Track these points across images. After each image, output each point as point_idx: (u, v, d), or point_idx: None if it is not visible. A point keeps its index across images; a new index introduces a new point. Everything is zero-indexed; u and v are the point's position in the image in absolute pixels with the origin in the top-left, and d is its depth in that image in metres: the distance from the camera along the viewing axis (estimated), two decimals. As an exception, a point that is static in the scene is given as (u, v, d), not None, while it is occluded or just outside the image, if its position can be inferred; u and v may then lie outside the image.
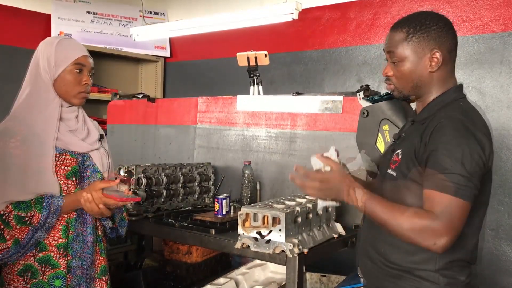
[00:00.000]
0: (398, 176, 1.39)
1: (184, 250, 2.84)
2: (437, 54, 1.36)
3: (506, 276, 2.60)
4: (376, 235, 1.45)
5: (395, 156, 1.42)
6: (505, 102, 2.62)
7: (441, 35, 1.37)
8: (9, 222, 1.51)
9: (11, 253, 1.53)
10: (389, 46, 1.42)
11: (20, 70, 1.77)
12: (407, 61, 1.39)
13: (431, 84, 1.40)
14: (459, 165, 1.24)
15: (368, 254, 1.49)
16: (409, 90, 1.43)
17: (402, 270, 1.38)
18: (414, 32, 1.37)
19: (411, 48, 1.38)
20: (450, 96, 1.40)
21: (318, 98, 2.45)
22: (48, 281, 1.57)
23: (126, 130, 3.31)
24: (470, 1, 2.74)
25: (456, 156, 1.24)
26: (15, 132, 1.57)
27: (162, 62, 4.30)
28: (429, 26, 1.37)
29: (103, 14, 4.09)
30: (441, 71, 1.39)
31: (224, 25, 2.89)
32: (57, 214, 1.56)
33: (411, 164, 1.35)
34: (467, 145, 1.26)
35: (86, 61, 1.67)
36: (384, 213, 1.31)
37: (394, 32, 1.42)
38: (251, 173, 2.47)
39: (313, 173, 1.41)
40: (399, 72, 1.41)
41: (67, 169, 1.62)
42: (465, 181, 1.23)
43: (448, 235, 1.22)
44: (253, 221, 1.74)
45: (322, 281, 2.50)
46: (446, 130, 1.28)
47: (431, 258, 1.34)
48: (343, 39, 3.25)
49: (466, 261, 1.38)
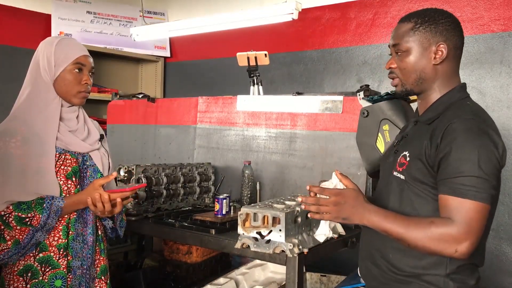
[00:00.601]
0: (407, 179, 1.35)
1: (184, 250, 2.84)
2: (442, 47, 1.35)
3: (507, 276, 2.60)
4: (382, 240, 1.40)
5: (402, 158, 1.38)
6: (505, 102, 2.62)
7: (449, 30, 1.36)
8: (9, 222, 1.51)
9: (12, 253, 1.52)
10: (395, 39, 1.41)
11: (20, 70, 1.77)
12: (412, 52, 1.37)
13: (435, 79, 1.38)
14: (476, 167, 1.21)
15: (373, 259, 1.45)
16: (412, 82, 1.40)
17: (410, 276, 1.35)
18: (422, 23, 1.36)
19: (417, 38, 1.37)
20: (455, 96, 1.38)
21: (318, 98, 2.45)
22: (48, 281, 1.57)
23: (126, 130, 3.31)
24: (470, 1, 2.74)
25: (472, 158, 1.22)
26: (16, 132, 1.57)
27: (162, 62, 4.31)
28: (438, 19, 1.36)
29: (103, 14, 4.09)
30: (445, 66, 1.37)
31: (224, 25, 2.89)
32: (57, 215, 1.56)
33: (420, 166, 1.31)
34: (482, 146, 1.23)
35: (86, 60, 1.67)
36: (400, 228, 1.27)
37: (401, 24, 1.41)
38: (251, 173, 2.47)
39: (329, 189, 1.37)
40: (404, 63, 1.39)
41: (67, 169, 1.62)
42: (483, 183, 1.21)
43: (469, 240, 1.20)
44: (253, 221, 1.74)
45: (322, 281, 2.50)
46: (459, 131, 1.25)
47: (441, 263, 1.31)
48: (343, 39, 3.25)
49: (475, 264, 1.36)
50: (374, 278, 1.46)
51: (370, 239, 1.48)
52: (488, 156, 1.23)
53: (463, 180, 1.22)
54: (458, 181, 1.22)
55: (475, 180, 1.21)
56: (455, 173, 1.23)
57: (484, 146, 1.23)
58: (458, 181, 1.22)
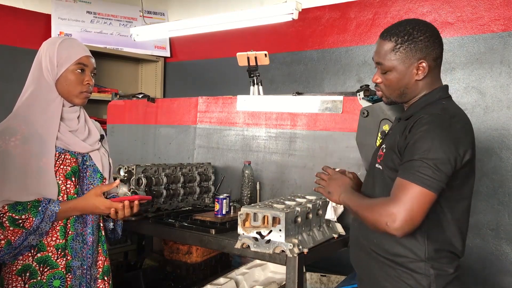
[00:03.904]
0: (383, 169, 1.45)
1: (184, 250, 2.84)
2: (423, 64, 1.43)
3: (506, 276, 2.60)
4: (367, 226, 1.48)
5: (380, 151, 1.50)
6: (505, 102, 2.62)
7: (428, 46, 1.43)
8: (3, 222, 1.51)
9: (4, 253, 1.52)
10: (378, 57, 1.49)
11: (20, 70, 1.78)
12: (394, 71, 1.46)
13: (418, 91, 1.47)
14: (425, 154, 1.28)
15: (360, 244, 1.54)
16: (396, 97, 1.50)
17: (394, 262, 1.42)
18: (402, 43, 1.43)
19: (399, 58, 1.44)
20: (435, 96, 1.46)
21: (318, 98, 2.45)
22: (47, 282, 1.57)
23: (126, 130, 3.31)
24: (470, 1, 2.74)
25: (424, 147, 1.29)
26: (16, 131, 1.57)
27: (162, 62, 4.31)
28: (417, 37, 1.42)
29: (103, 14, 4.10)
30: (427, 78, 1.46)
31: (224, 25, 2.89)
32: (51, 220, 1.55)
33: (393, 156, 1.41)
34: (438, 136, 1.30)
35: (88, 61, 1.68)
36: (357, 204, 1.45)
37: (382, 41, 1.48)
38: (251, 173, 2.47)
39: (331, 169, 1.64)
40: (387, 81, 1.48)
41: (66, 169, 1.62)
42: (428, 170, 1.28)
43: (402, 219, 1.26)
44: (253, 221, 1.74)
45: (322, 281, 2.50)
46: (423, 123, 1.34)
47: (421, 245, 1.39)
48: (343, 39, 3.25)
49: (453, 252, 1.42)
50: (362, 264, 1.55)
51: (358, 226, 1.56)
52: (441, 147, 1.30)
53: (411, 163, 1.31)
54: (407, 164, 1.32)
55: (419, 164, 1.29)
56: (407, 158, 1.33)
57: (441, 138, 1.31)
58: (407, 164, 1.32)
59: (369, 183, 1.55)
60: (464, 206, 1.43)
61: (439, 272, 1.39)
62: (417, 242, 1.39)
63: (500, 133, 2.62)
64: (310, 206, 1.87)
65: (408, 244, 1.40)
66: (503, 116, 2.62)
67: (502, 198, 2.60)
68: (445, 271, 1.40)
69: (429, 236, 1.39)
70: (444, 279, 1.39)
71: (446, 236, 1.40)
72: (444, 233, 1.40)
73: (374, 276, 1.48)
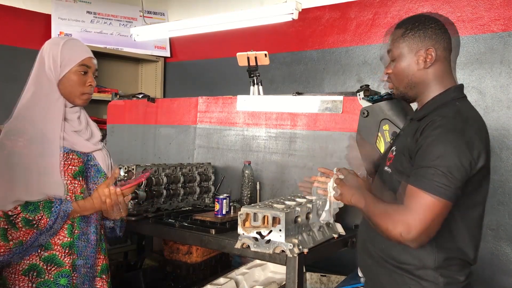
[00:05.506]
0: (393, 172, 1.41)
1: (184, 250, 2.84)
2: (430, 51, 1.39)
3: (506, 276, 2.60)
4: (375, 231, 1.43)
5: (390, 153, 1.46)
6: (505, 102, 2.62)
7: (438, 33, 1.40)
8: (17, 223, 1.50)
9: (12, 253, 1.52)
10: (389, 44, 1.47)
11: (20, 70, 1.78)
12: (402, 58, 1.42)
13: (427, 82, 1.42)
14: (438, 161, 1.23)
15: (368, 250, 1.50)
16: (404, 87, 1.45)
17: (401, 269, 1.38)
18: (411, 29, 1.41)
19: (407, 44, 1.41)
20: (449, 96, 1.40)
21: (318, 98, 2.45)
22: (54, 280, 1.57)
23: (126, 130, 3.31)
24: (470, 1, 2.74)
25: (437, 153, 1.24)
26: (23, 131, 1.57)
27: (162, 62, 4.31)
28: (427, 24, 1.40)
29: (103, 14, 4.09)
30: (436, 69, 1.41)
31: (224, 25, 2.89)
32: (64, 220, 1.56)
33: (403, 159, 1.37)
34: (451, 143, 1.25)
35: (91, 62, 1.69)
36: (369, 208, 1.38)
37: (395, 30, 1.47)
38: (251, 173, 2.47)
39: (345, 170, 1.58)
40: (396, 69, 1.45)
41: (74, 168, 1.63)
42: (442, 178, 1.22)
43: (418, 230, 1.22)
44: (253, 221, 1.74)
45: (322, 281, 2.50)
46: (435, 127, 1.28)
47: (430, 253, 1.34)
48: (343, 39, 3.25)
49: (465, 260, 1.37)
50: (369, 269, 1.51)
51: (365, 230, 1.52)
52: (455, 153, 1.24)
53: (424, 171, 1.25)
54: (419, 172, 1.27)
55: (432, 172, 1.23)
56: (420, 165, 1.28)
57: (454, 144, 1.25)
58: (419, 172, 1.27)
59: (378, 186, 1.50)
60: (477, 213, 1.37)
61: (448, 280, 1.33)
62: (425, 251, 1.33)
63: (500, 133, 2.62)
64: (310, 206, 1.86)
65: (415, 253, 1.34)
66: (503, 116, 2.62)
67: (502, 198, 2.60)
68: (455, 279, 1.35)
69: (438, 245, 1.33)
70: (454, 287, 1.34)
71: (457, 244, 1.34)
72: (454, 241, 1.34)
73: (380, 282, 1.45)
